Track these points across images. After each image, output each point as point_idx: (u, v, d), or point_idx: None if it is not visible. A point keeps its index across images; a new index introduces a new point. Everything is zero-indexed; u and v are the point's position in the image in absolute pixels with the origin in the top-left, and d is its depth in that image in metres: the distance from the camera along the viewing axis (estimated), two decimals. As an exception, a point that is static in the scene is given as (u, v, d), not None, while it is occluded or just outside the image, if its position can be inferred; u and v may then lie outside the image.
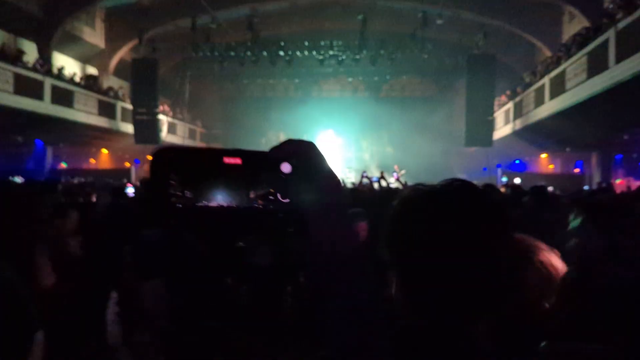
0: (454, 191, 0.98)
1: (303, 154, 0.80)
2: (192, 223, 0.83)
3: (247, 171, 0.79)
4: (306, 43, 22.92)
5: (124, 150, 23.97)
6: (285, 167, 0.78)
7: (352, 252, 0.77)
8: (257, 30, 21.65)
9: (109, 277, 4.27)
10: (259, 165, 0.80)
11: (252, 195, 0.79)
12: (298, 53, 23.17)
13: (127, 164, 23.64)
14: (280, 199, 0.79)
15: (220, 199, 0.78)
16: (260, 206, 0.79)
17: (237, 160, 0.79)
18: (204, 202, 0.77)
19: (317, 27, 23.02)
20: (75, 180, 15.98)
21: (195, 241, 3.25)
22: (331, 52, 23.01)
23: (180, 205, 0.76)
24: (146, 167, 25.71)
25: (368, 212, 3.74)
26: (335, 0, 20.75)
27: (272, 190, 0.79)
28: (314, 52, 23.04)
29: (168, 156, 0.77)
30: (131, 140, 21.99)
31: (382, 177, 8.46)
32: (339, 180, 0.81)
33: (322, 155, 0.80)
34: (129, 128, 22.00)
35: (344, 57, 23.08)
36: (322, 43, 22.81)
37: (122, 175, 19.22)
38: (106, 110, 20.89)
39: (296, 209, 0.79)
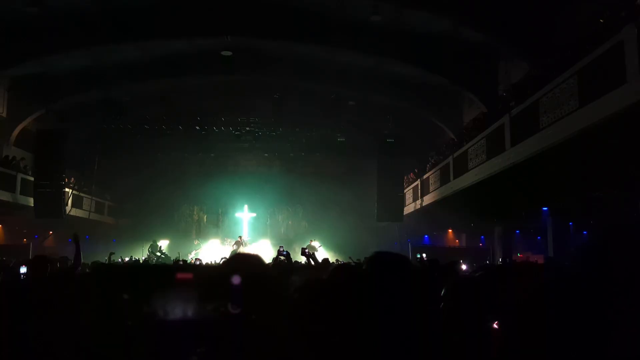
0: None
1: (251, 266, 0.89)
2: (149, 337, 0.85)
3: (199, 285, 0.85)
4: (222, 118, 23.12)
5: (23, 224, 22.36)
6: (235, 279, 0.86)
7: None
8: (172, 104, 21.55)
9: None
10: (210, 279, 0.86)
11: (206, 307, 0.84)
12: (214, 127, 23.26)
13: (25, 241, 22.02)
14: (231, 308, 0.85)
15: (175, 312, 0.82)
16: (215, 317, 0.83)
17: (189, 276, 0.85)
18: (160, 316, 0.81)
19: (233, 103, 23.33)
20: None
21: None
22: (248, 128, 23.36)
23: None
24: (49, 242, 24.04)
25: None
26: (252, 79, 21.27)
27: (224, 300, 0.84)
28: (231, 127, 23.26)
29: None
30: (31, 215, 20.57)
31: (304, 253, 8.46)
32: (281, 287, 0.87)
33: (267, 266, 0.88)
34: (29, 201, 20.64)
35: (260, 132, 23.48)
36: (239, 119, 23.15)
37: (19, 251, 17.79)
38: (4, 182, 19.54)
39: (246, 316, 0.84)
